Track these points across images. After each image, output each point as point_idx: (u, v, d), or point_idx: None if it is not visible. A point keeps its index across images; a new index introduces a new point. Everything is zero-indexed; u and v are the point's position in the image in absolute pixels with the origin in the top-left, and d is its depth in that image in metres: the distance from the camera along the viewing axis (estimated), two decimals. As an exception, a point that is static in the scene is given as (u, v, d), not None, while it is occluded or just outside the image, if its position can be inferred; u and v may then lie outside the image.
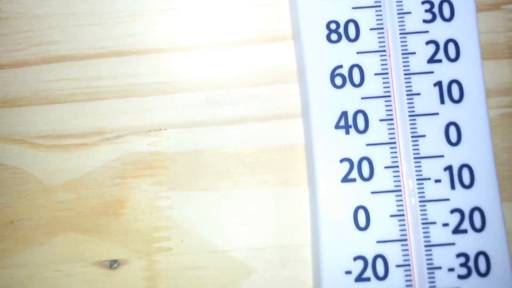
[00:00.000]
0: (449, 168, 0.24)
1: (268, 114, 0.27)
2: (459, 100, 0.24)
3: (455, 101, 0.24)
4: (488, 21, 0.26)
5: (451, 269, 0.23)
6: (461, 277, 0.23)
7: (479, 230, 0.23)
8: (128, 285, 0.26)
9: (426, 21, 0.24)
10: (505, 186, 0.25)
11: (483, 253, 0.23)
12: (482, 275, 0.23)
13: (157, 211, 0.26)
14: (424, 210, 0.24)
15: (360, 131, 0.24)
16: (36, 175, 0.27)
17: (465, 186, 0.24)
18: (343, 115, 0.24)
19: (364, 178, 0.24)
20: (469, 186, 0.24)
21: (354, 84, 0.24)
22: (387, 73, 0.24)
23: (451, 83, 0.24)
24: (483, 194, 0.24)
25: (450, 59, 0.24)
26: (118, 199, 0.26)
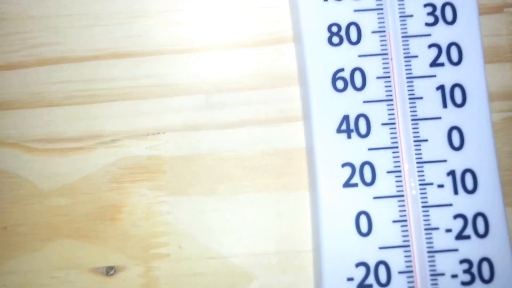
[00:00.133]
0: (452, 173, 0.24)
1: (268, 117, 0.26)
2: (461, 104, 0.24)
3: (457, 105, 0.24)
4: (490, 24, 0.26)
5: (454, 276, 0.23)
6: (464, 283, 0.23)
7: (482, 236, 0.23)
8: (125, 292, 0.26)
9: (428, 24, 0.24)
10: (508, 191, 0.25)
11: (486, 259, 0.23)
12: (485, 281, 0.23)
13: (155, 216, 0.26)
14: (427, 216, 0.23)
15: (362, 135, 0.24)
16: (30, 179, 0.26)
17: (468, 191, 0.23)
18: (344, 119, 0.24)
19: (366, 183, 0.24)
20: (472, 191, 0.23)
21: (356, 88, 0.24)
22: (389, 77, 0.24)
23: (453, 87, 0.24)
24: (487, 199, 0.23)
25: (453, 62, 0.24)
26: (115, 204, 0.26)
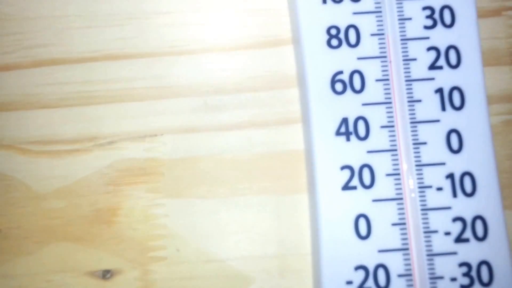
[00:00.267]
0: (450, 176, 0.24)
1: (267, 119, 0.26)
2: (460, 107, 0.24)
3: (456, 108, 0.24)
4: (489, 27, 0.26)
5: (453, 279, 0.23)
6: (463, 286, 0.23)
7: (481, 239, 0.23)
8: (121, 296, 0.25)
9: (427, 27, 0.24)
10: (507, 194, 0.25)
11: (485, 262, 0.23)
12: (484, 284, 0.23)
13: (152, 219, 0.26)
14: (426, 219, 0.23)
15: (361, 138, 0.24)
16: (25, 182, 0.26)
17: (467, 194, 0.23)
18: (343, 121, 0.24)
19: (365, 186, 0.23)
20: (471, 194, 0.23)
21: (354, 90, 0.24)
22: (388, 79, 0.24)
23: (452, 89, 0.24)
24: (485, 202, 0.23)
25: (451, 65, 0.24)
26: (111, 207, 0.26)
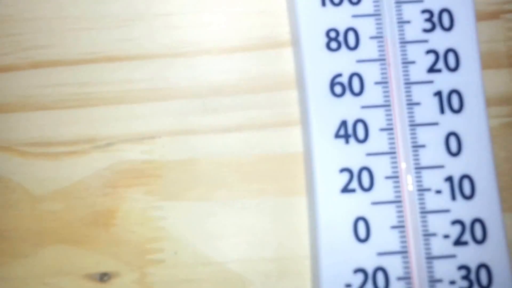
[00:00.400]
0: (449, 179, 0.23)
1: (265, 122, 0.26)
2: (459, 110, 0.24)
3: (455, 111, 0.24)
4: (488, 30, 0.26)
5: (452, 282, 0.23)
6: (462, 290, 0.23)
7: (480, 242, 0.23)
8: (119, 299, 0.25)
9: (425, 30, 0.24)
10: (506, 197, 0.25)
11: (484, 265, 0.23)
12: (483, 287, 0.23)
13: (149, 221, 0.26)
14: (425, 222, 0.23)
15: (360, 141, 0.24)
16: (22, 184, 0.26)
17: (466, 197, 0.23)
18: (342, 124, 0.24)
19: (364, 189, 0.23)
20: (470, 197, 0.23)
21: (353, 93, 0.24)
22: (387, 82, 0.24)
23: (451, 92, 0.24)
24: (484, 205, 0.23)
25: (450, 68, 0.24)
26: (109, 209, 0.26)
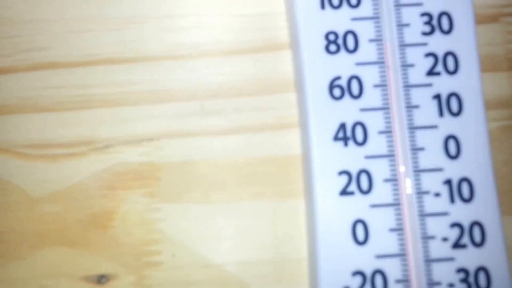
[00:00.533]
0: (448, 182, 0.23)
1: (264, 124, 0.26)
2: (458, 113, 0.24)
3: (454, 114, 0.24)
4: (487, 33, 0.26)
5: (451, 285, 0.23)
6: (461, 293, 0.23)
7: (479, 245, 0.23)
8: (116, 301, 0.25)
9: (425, 33, 0.24)
10: (504, 200, 0.25)
11: (483, 268, 0.23)
12: (482, 291, 0.23)
13: (148, 223, 0.25)
14: (424, 224, 0.23)
15: (358, 143, 0.24)
16: (20, 185, 0.26)
17: (465, 200, 0.23)
18: (341, 127, 0.24)
19: (363, 191, 0.23)
20: (468, 200, 0.23)
21: (352, 96, 0.24)
22: (386, 85, 0.24)
23: (450, 95, 0.24)
24: (483, 208, 0.23)
25: (449, 71, 0.24)
26: (107, 211, 0.25)
